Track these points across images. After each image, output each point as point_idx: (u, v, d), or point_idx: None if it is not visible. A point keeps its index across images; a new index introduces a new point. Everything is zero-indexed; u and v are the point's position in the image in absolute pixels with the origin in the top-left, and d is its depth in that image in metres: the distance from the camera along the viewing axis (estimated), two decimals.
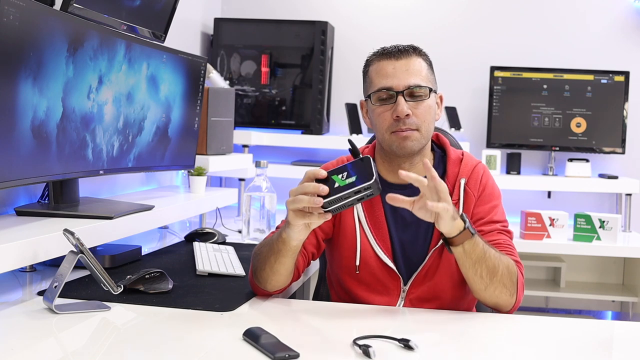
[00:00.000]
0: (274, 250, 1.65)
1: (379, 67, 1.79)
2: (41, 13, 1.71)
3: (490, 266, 1.64)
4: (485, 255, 1.63)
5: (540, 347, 1.53)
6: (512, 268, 1.69)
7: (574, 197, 3.81)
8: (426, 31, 3.84)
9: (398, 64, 1.77)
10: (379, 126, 1.80)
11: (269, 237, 1.73)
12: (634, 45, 3.80)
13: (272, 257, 1.66)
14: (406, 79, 1.76)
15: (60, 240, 1.67)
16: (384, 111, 1.78)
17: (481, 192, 1.83)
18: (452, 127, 3.63)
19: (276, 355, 1.31)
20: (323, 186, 1.49)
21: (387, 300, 1.82)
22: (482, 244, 1.63)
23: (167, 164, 2.46)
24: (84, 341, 1.45)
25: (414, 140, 1.77)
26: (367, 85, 1.84)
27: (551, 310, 3.82)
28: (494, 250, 1.67)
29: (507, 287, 1.67)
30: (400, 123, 1.76)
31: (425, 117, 1.78)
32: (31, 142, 1.72)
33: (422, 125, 1.78)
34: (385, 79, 1.77)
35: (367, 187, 1.48)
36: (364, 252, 1.81)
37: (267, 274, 1.70)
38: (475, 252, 1.62)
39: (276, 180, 2.97)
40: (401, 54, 1.78)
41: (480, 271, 1.64)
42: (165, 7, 2.44)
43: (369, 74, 1.83)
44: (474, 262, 1.64)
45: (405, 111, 1.75)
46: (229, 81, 3.63)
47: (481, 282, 1.66)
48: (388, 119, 1.77)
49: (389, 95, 1.77)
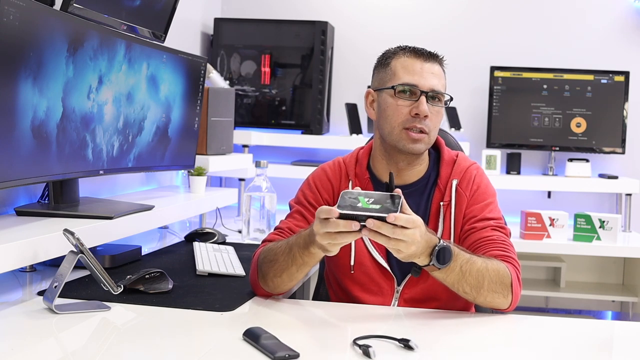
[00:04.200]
0: (298, 262, 1.65)
1: (407, 63, 1.80)
2: (41, 13, 1.71)
3: (473, 283, 1.63)
4: (464, 276, 1.62)
5: (540, 347, 1.53)
6: (502, 272, 1.67)
7: (574, 197, 3.81)
8: (426, 31, 3.84)
9: (426, 66, 1.79)
10: (391, 118, 1.79)
11: (280, 246, 1.70)
12: (634, 45, 3.80)
13: (293, 267, 1.66)
14: (432, 81, 1.78)
15: (60, 240, 1.67)
16: (402, 105, 1.78)
17: (474, 192, 1.83)
18: (452, 127, 3.63)
19: (276, 355, 1.31)
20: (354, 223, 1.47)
21: (381, 300, 1.82)
22: (461, 266, 1.61)
23: (167, 164, 2.46)
24: (84, 341, 1.45)
25: (422, 143, 1.79)
26: (386, 76, 1.82)
27: (551, 310, 3.82)
28: (480, 261, 1.64)
29: (499, 292, 1.66)
30: (416, 121, 1.77)
31: (436, 124, 1.81)
32: (31, 142, 1.72)
33: (432, 131, 1.80)
34: (413, 76, 1.78)
35: (382, 219, 1.47)
36: (358, 252, 1.82)
37: (284, 281, 1.70)
38: (449, 278, 1.62)
39: (276, 180, 2.96)
40: (430, 57, 1.81)
41: (462, 288, 1.64)
42: (165, 7, 2.44)
43: (391, 66, 1.82)
44: (451, 284, 1.64)
45: (427, 111, 1.76)
46: (229, 81, 3.63)
47: (467, 296, 1.66)
48: (405, 114, 1.78)
49: (412, 92, 1.78)
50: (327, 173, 1.90)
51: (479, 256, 1.67)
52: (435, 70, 1.80)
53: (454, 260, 1.59)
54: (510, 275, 1.68)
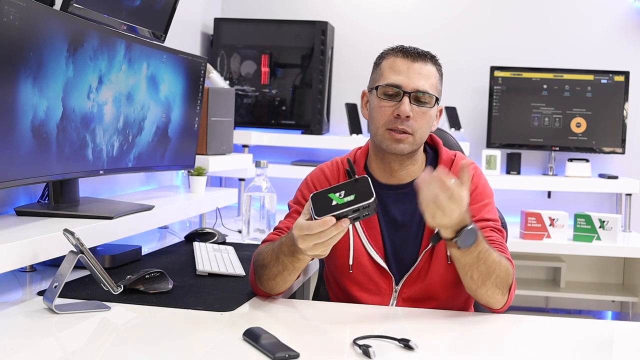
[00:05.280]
0: (289, 268, 1.66)
1: (394, 63, 1.80)
2: (41, 13, 1.71)
3: (484, 272, 1.63)
4: (478, 263, 1.62)
5: (540, 347, 1.53)
6: (509, 271, 1.68)
7: (574, 197, 3.81)
8: (426, 31, 3.84)
9: (413, 66, 1.78)
10: (376, 119, 1.80)
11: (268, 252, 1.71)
12: (634, 45, 3.80)
13: (285, 272, 1.67)
14: (417, 82, 1.77)
15: (60, 240, 1.67)
16: (386, 106, 1.78)
17: (472, 192, 1.82)
18: (452, 127, 3.63)
19: (276, 355, 1.31)
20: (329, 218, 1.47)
21: (380, 299, 1.82)
22: (478, 253, 1.61)
23: (167, 164, 2.46)
24: (84, 341, 1.45)
25: (406, 143, 1.78)
26: (376, 76, 1.83)
27: (551, 310, 3.82)
28: (495, 255, 1.65)
29: (500, 288, 1.67)
30: (398, 122, 1.76)
31: (423, 125, 1.79)
32: (31, 142, 1.72)
33: (418, 132, 1.78)
34: (397, 76, 1.78)
35: (366, 206, 1.48)
36: (357, 251, 1.82)
37: (278, 284, 1.71)
38: (464, 259, 1.62)
39: (276, 180, 2.97)
40: (419, 57, 1.79)
41: (471, 274, 1.64)
42: (165, 7, 2.44)
43: (381, 67, 1.83)
44: (462, 265, 1.64)
45: (408, 112, 1.75)
46: (229, 81, 3.63)
47: (472, 283, 1.66)
48: (387, 115, 1.78)
49: (395, 92, 1.78)
50: (325, 173, 1.90)
51: (495, 250, 1.68)
52: (424, 71, 1.78)
53: (476, 246, 1.60)
54: (512, 275, 1.70)
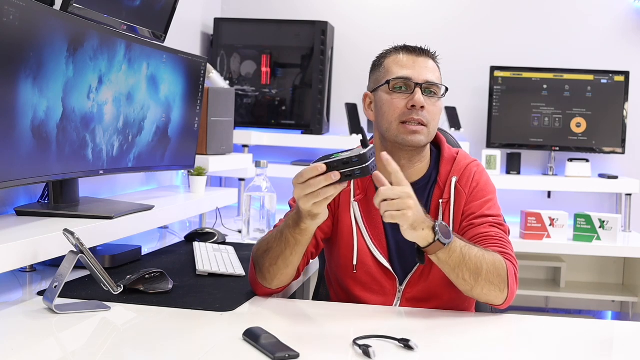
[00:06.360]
0: (291, 243, 1.65)
1: (399, 59, 1.81)
2: (41, 13, 1.71)
3: (472, 268, 1.63)
4: (465, 259, 1.62)
5: (540, 347, 1.53)
6: (499, 264, 1.67)
7: (574, 197, 3.81)
8: (426, 31, 3.84)
9: (418, 60, 1.80)
10: (388, 114, 1.80)
11: (272, 235, 1.72)
12: (634, 45, 3.80)
13: (287, 250, 1.66)
14: (425, 74, 1.79)
15: (60, 240, 1.67)
16: (397, 99, 1.78)
17: (473, 189, 1.82)
18: (452, 127, 3.63)
19: (276, 355, 1.31)
20: (320, 164, 1.49)
21: (383, 299, 1.82)
22: (461, 248, 1.62)
23: (167, 164, 2.46)
24: (84, 341, 1.45)
25: (422, 135, 1.78)
26: (380, 75, 1.84)
27: (551, 310, 3.82)
28: (476, 249, 1.65)
29: (495, 284, 1.66)
30: (413, 113, 1.76)
31: (435, 116, 1.80)
32: (31, 142, 1.72)
33: (431, 123, 1.79)
34: (406, 70, 1.79)
35: (356, 160, 1.48)
36: (360, 251, 1.82)
37: (280, 268, 1.70)
38: (452, 259, 1.62)
39: (276, 180, 2.96)
40: (422, 52, 1.82)
41: (462, 275, 1.63)
42: (165, 7, 2.44)
43: (384, 65, 1.83)
44: (452, 268, 1.63)
45: (422, 102, 1.76)
46: (229, 81, 3.63)
47: (465, 284, 1.65)
48: (400, 108, 1.78)
49: (406, 85, 1.78)
50: None
51: (474, 245, 1.68)
52: (428, 65, 1.81)
53: (454, 242, 1.60)
54: (507, 269, 1.68)
